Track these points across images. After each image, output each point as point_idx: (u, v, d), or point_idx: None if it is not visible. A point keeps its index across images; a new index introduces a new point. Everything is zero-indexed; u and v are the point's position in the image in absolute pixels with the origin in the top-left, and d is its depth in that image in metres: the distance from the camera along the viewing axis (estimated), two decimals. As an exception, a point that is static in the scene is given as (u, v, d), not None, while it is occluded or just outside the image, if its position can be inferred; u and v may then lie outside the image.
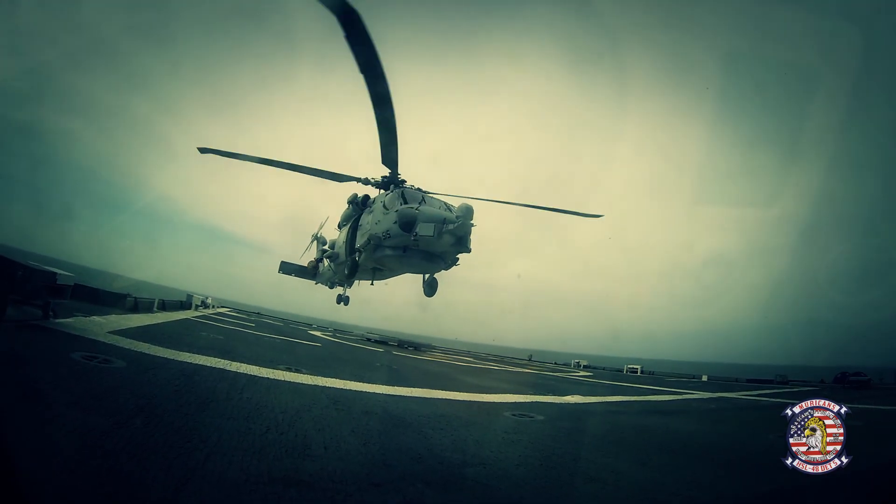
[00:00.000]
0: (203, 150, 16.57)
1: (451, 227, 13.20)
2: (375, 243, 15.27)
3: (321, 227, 23.42)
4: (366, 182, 18.08)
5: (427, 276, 16.41)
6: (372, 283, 18.08)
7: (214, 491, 2.41)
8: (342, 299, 21.66)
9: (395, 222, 14.29)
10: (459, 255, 14.98)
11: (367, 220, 16.67)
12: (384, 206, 15.49)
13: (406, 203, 14.76)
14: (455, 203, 15.23)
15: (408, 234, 13.97)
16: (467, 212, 13.41)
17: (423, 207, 14.43)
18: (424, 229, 13.52)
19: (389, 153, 14.38)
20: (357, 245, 16.69)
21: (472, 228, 13.66)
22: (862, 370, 22.47)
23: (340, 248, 19.01)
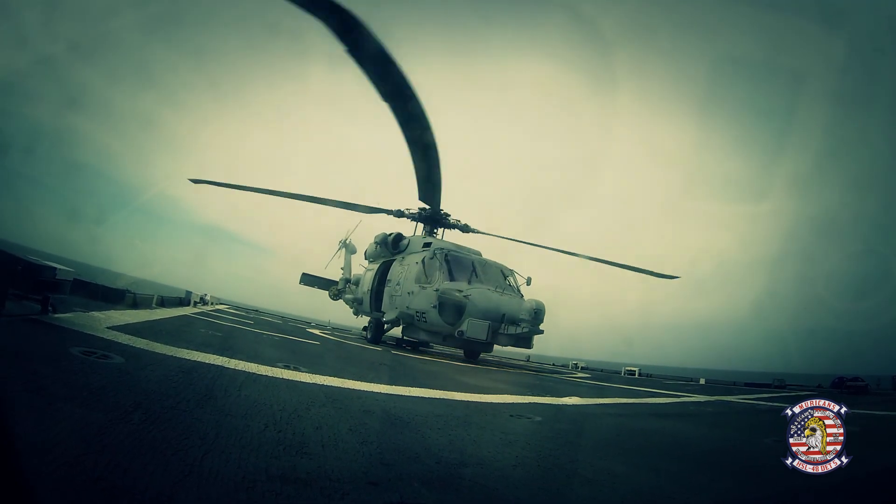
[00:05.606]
0: (196, 181, 14.30)
1: (513, 330, 10.00)
2: (407, 321, 12.32)
3: (351, 233, 19.75)
4: (399, 214, 14.51)
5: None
6: (403, 341, 15.11)
7: (212, 487, 2.41)
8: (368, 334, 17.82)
9: (434, 307, 10.93)
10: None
11: (398, 274, 13.05)
12: (419, 271, 11.91)
13: (451, 277, 10.99)
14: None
15: (450, 325, 10.64)
16: (537, 312, 10.05)
17: (475, 293, 10.56)
18: (474, 329, 10.13)
19: (427, 189, 10.79)
20: (385, 317, 13.35)
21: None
22: (859, 377, 22.45)
23: (365, 295, 15.61)
